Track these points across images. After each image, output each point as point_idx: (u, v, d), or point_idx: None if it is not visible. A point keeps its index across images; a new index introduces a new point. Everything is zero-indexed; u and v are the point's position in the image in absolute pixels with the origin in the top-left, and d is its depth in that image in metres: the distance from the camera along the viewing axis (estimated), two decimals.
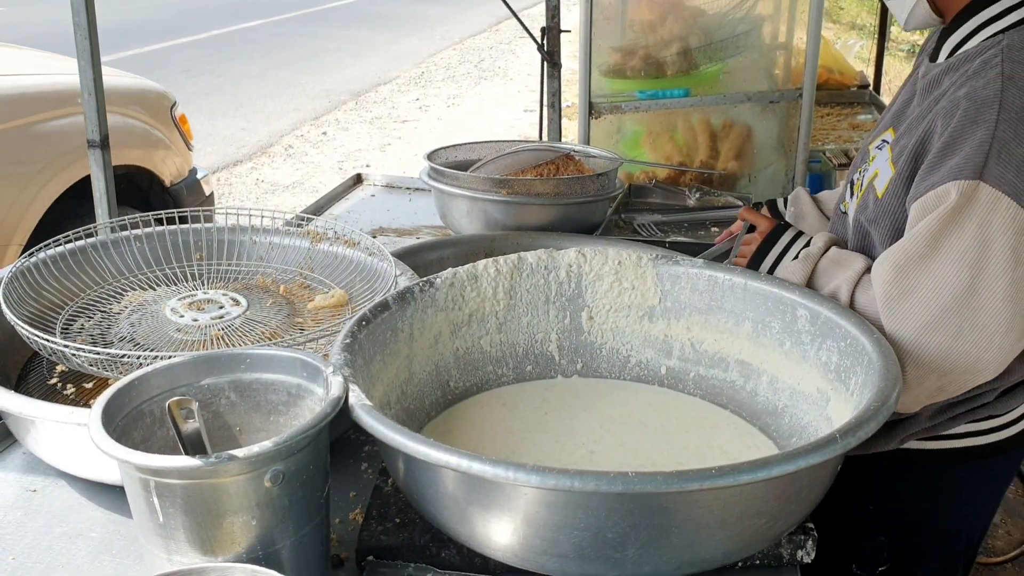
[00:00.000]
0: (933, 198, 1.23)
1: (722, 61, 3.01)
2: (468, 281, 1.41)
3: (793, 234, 1.51)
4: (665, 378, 1.45)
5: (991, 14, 1.34)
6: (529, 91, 9.21)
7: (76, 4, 1.87)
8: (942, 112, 1.30)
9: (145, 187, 3.80)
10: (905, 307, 1.24)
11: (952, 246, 1.21)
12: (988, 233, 1.19)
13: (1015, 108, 1.23)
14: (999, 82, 1.25)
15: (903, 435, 1.46)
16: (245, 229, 1.71)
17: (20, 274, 1.46)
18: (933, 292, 1.22)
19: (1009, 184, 1.19)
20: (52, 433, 1.24)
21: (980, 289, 1.20)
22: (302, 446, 1.00)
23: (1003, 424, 1.49)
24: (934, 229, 1.22)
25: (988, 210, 1.19)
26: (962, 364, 1.23)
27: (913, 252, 1.24)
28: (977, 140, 1.22)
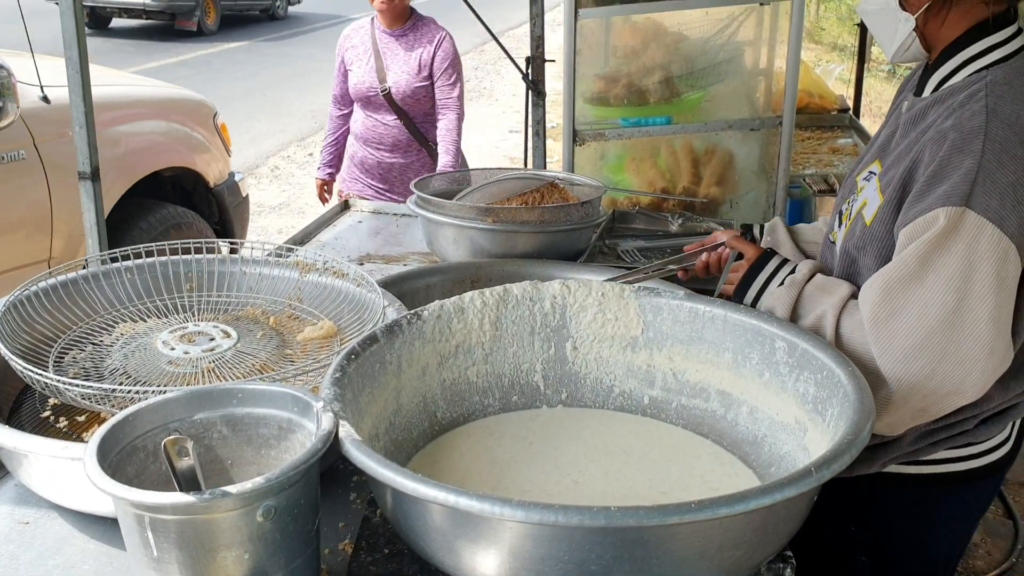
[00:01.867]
0: (922, 223, 1.28)
1: (703, 89, 3.07)
2: (455, 313, 1.44)
3: (779, 261, 1.55)
4: (648, 408, 1.48)
5: (975, 51, 1.40)
6: (515, 112, 9.26)
7: (68, 38, 1.90)
8: (929, 142, 1.35)
9: (190, 188, 4.20)
10: (893, 328, 1.28)
11: (939, 270, 1.25)
12: (973, 258, 1.24)
13: (999, 139, 1.28)
14: (984, 114, 1.31)
15: (884, 459, 1.50)
16: (235, 260, 1.74)
17: (13, 307, 1.48)
18: (920, 314, 1.26)
19: (994, 212, 1.24)
20: (45, 466, 1.26)
21: (965, 312, 1.25)
22: (294, 481, 1.03)
23: (982, 451, 1.53)
24: (922, 253, 1.27)
25: (974, 236, 1.24)
26: (946, 385, 1.27)
27: (901, 275, 1.28)
28: (964, 169, 1.27)
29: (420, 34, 3.52)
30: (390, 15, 3.49)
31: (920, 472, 1.54)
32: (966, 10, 1.40)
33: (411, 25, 3.54)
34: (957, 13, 1.40)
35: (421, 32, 3.52)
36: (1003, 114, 1.30)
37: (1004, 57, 1.38)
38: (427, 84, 3.52)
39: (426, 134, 3.65)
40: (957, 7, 1.40)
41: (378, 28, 3.57)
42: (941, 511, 1.59)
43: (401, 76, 3.51)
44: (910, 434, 1.46)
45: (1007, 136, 1.29)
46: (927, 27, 1.43)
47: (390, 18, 3.51)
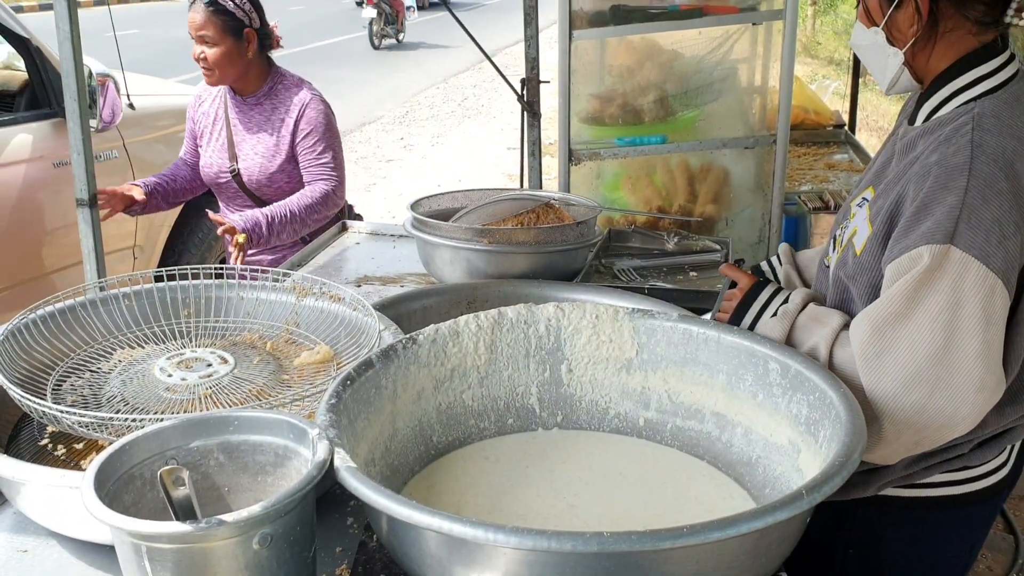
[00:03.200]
0: (907, 260, 1.29)
1: (698, 108, 3.09)
2: (450, 337, 1.45)
3: (772, 290, 1.56)
4: (643, 429, 1.49)
5: (964, 82, 1.40)
6: (512, 128, 9.30)
7: (67, 68, 1.92)
8: (915, 177, 1.36)
9: None
10: (882, 365, 1.29)
11: (926, 307, 1.26)
12: (960, 295, 1.25)
13: (984, 175, 1.28)
14: (969, 149, 1.31)
15: (879, 483, 1.50)
16: (232, 285, 1.75)
17: (12, 335, 1.49)
18: (909, 351, 1.27)
19: (979, 248, 1.25)
20: (43, 495, 1.27)
21: (953, 349, 1.25)
22: (289, 509, 1.04)
23: (979, 475, 1.53)
24: (908, 291, 1.27)
25: (959, 273, 1.25)
26: (937, 420, 1.28)
27: (889, 312, 1.29)
28: (948, 206, 1.28)
29: (279, 101, 2.79)
30: (218, 80, 2.74)
31: (916, 495, 1.54)
32: (953, 41, 1.40)
33: (268, 90, 2.80)
34: (944, 45, 1.41)
35: (281, 99, 2.79)
36: (988, 149, 1.31)
37: (993, 88, 1.39)
38: (290, 166, 2.79)
39: None
40: (943, 39, 1.40)
41: (229, 93, 2.84)
42: (940, 534, 1.59)
43: (254, 158, 2.79)
44: (904, 459, 1.46)
45: (992, 172, 1.29)
46: (915, 61, 1.44)
47: (224, 83, 2.78)
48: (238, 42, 2.68)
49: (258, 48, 2.76)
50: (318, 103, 2.78)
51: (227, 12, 2.65)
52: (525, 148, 3.35)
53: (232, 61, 2.69)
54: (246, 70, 2.75)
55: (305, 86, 2.84)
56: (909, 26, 1.40)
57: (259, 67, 2.78)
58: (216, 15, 2.64)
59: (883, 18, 1.42)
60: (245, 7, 2.69)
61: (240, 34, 2.68)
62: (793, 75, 2.85)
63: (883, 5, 1.42)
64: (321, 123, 2.76)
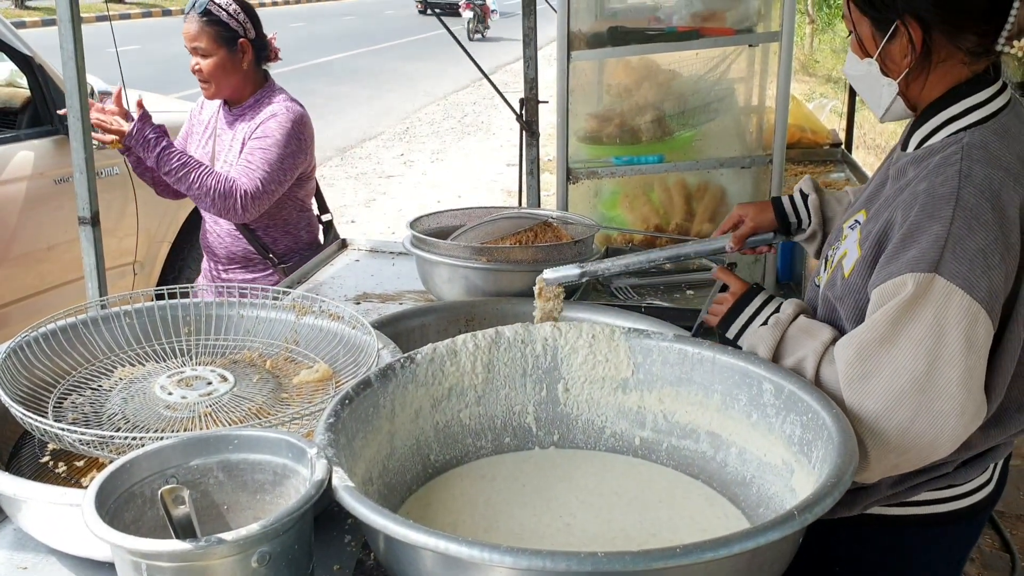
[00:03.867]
0: (891, 287, 1.31)
1: (695, 127, 3.11)
2: (447, 356, 1.46)
3: (764, 298, 1.56)
4: (639, 449, 1.50)
5: (955, 112, 1.42)
6: (512, 145, 9.35)
7: (70, 87, 1.94)
8: (903, 204, 1.38)
9: None
10: (866, 389, 1.30)
11: (909, 334, 1.28)
12: (943, 323, 1.27)
13: (970, 206, 1.30)
14: (956, 180, 1.33)
15: (865, 502, 1.52)
16: (232, 304, 1.77)
17: (13, 352, 1.51)
18: (891, 376, 1.29)
19: (963, 278, 1.27)
20: (44, 512, 1.28)
21: (935, 375, 1.27)
22: (288, 527, 1.05)
23: (964, 493, 1.54)
24: (892, 317, 1.29)
25: (943, 302, 1.27)
26: (918, 443, 1.30)
27: (873, 338, 1.30)
28: (934, 235, 1.29)
29: (258, 111, 2.73)
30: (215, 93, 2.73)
31: (902, 513, 1.55)
32: (946, 71, 1.42)
33: (254, 101, 2.75)
34: (937, 75, 1.42)
35: (260, 110, 2.73)
36: (976, 179, 1.33)
37: (983, 118, 1.40)
38: None
39: (271, 245, 2.83)
40: (936, 69, 1.42)
41: (222, 103, 2.83)
42: (925, 552, 1.60)
43: (224, 167, 2.75)
44: (889, 478, 1.47)
45: (978, 202, 1.31)
46: (909, 90, 1.46)
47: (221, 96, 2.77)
48: (232, 53, 2.66)
49: (254, 60, 2.73)
50: (286, 116, 2.67)
51: (221, 22, 2.63)
52: (523, 167, 3.38)
53: (226, 72, 2.67)
54: (242, 82, 2.72)
55: (286, 99, 2.75)
56: (903, 57, 1.42)
57: (254, 79, 2.76)
58: (210, 25, 2.62)
59: (876, 49, 1.44)
60: (239, 17, 2.67)
61: (234, 45, 2.66)
62: (789, 96, 2.87)
63: (876, 37, 1.44)
64: (275, 132, 2.64)
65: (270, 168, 2.61)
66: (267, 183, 2.60)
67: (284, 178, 2.65)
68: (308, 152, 2.76)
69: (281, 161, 2.63)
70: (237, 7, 2.67)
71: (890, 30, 1.40)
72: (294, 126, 2.67)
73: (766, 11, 3.04)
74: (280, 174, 2.63)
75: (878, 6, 1.41)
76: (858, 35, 1.47)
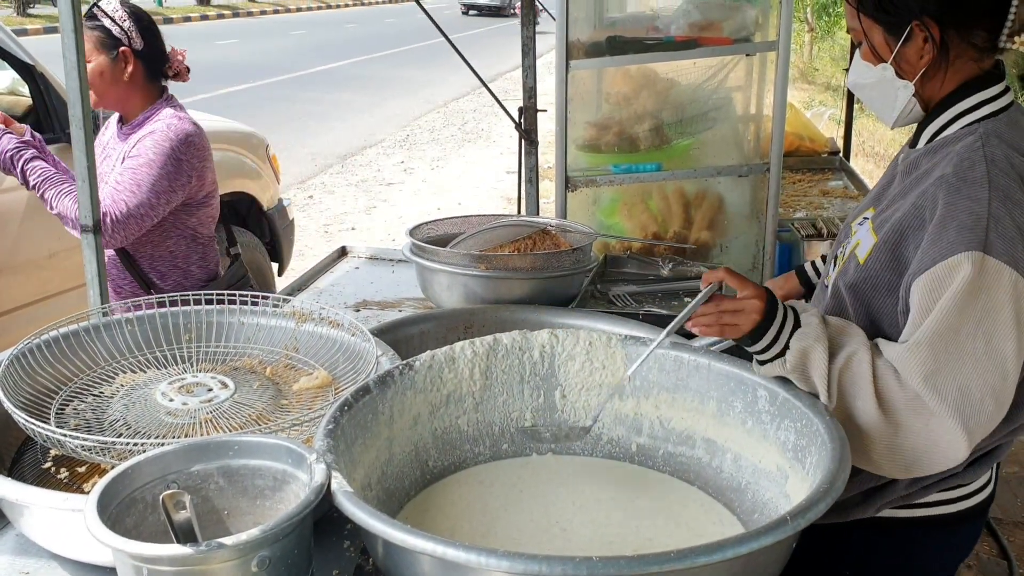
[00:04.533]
0: (944, 269, 1.30)
1: (693, 136, 3.13)
2: (446, 363, 1.48)
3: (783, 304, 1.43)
4: (635, 455, 1.52)
5: (968, 105, 1.47)
6: (511, 153, 9.38)
7: (73, 97, 1.96)
8: (931, 190, 1.39)
9: (244, 212, 4.53)
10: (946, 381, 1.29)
11: (977, 319, 1.29)
12: (998, 301, 1.29)
13: (1002, 186, 1.35)
14: (984, 164, 1.37)
15: (880, 503, 1.53)
16: (233, 311, 1.78)
17: (16, 360, 1.52)
18: (973, 367, 1.29)
19: (1008, 255, 1.30)
20: (46, 518, 1.29)
21: (993, 353, 1.29)
22: (287, 532, 1.06)
23: (969, 493, 1.57)
24: (958, 303, 1.29)
25: (995, 280, 1.29)
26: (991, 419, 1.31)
27: (943, 330, 1.30)
28: (975, 215, 1.32)
29: (141, 130, 2.48)
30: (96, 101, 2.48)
31: (912, 515, 1.57)
32: (959, 67, 1.47)
33: (143, 119, 2.51)
34: (952, 71, 1.47)
35: (142, 127, 2.49)
36: (1000, 163, 1.37)
37: (994, 112, 1.46)
38: None
39: (157, 280, 2.56)
40: (952, 66, 1.46)
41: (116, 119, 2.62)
42: (931, 553, 1.62)
43: (104, 189, 2.42)
44: (905, 479, 1.49)
45: (1008, 183, 1.35)
46: (924, 90, 1.49)
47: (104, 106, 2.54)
48: (113, 61, 2.44)
49: (145, 73, 2.50)
50: (163, 134, 2.41)
51: (103, 28, 2.44)
52: (523, 175, 3.40)
53: (105, 80, 2.45)
54: (126, 94, 2.49)
55: (172, 116, 2.48)
56: (919, 57, 1.46)
57: (145, 94, 2.51)
58: (92, 30, 2.43)
59: (891, 53, 1.47)
60: (124, 24, 2.45)
61: (115, 53, 2.44)
62: (786, 105, 2.90)
63: (890, 41, 1.47)
64: (148, 151, 2.39)
65: (138, 190, 2.35)
66: (135, 206, 2.34)
67: (157, 202, 2.38)
68: (195, 175, 2.47)
69: (153, 183, 2.37)
70: (124, 14, 2.47)
71: (904, 32, 1.44)
72: (173, 145, 2.40)
73: (763, 21, 3.06)
74: (152, 197, 2.37)
75: (891, 10, 1.45)
76: (870, 42, 1.49)
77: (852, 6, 1.50)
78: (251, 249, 4.41)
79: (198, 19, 25.20)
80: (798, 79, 13.38)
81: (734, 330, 1.38)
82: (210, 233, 2.66)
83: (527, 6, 3.25)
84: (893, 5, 1.44)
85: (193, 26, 23.70)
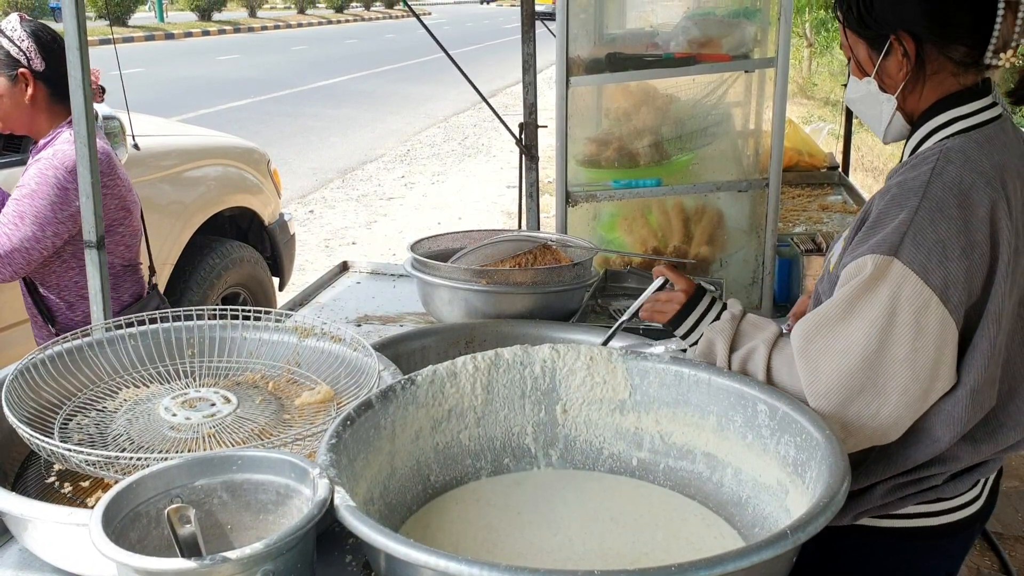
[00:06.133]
0: (854, 268, 1.40)
1: (692, 151, 3.14)
2: (447, 378, 1.49)
3: (711, 297, 1.65)
4: (637, 469, 1.52)
5: (942, 120, 1.50)
6: (512, 167, 9.41)
7: (77, 113, 1.98)
8: (877, 196, 1.48)
9: (245, 226, 4.61)
10: (819, 363, 1.39)
11: (863, 313, 1.37)
12: (895, 304, 1.35)
13: (936, 198, 1.39)
14: (928, 175, 1.41)
15: (856, 511, 1.55)
16: (235, 326, 1.79)
17: (20, 374, 1.53)
18: (843, 351, 1.38)
19: (919, 264, 1.35)
20: (50, 532, 1.30)
21: (884, 353, 1.36)
22: (291, 546, 1.07)
23: (953, 507, 1.57)
24: (850, 296, 1.38)
25: (898, 284, 1.35)
26: (862, 417, 1.38)
27: (831, 315, 1.40)
28: (898, 222, 1.38)
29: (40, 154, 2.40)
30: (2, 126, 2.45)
31: (894, 526, 1.59)
32: (938, 82, 1.50)
33: (44, 144, 2.43)
34: (930, 86, 1.51)
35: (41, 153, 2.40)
36: (947, 176, 1.41)
37: (968, 128, 1.48)
38: None
39: (64, 309, 2.51)
40: (930, 80, 1.50)
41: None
42: (918, 564, 1.63)
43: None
44: (880, 487, 1.52)
45: (944, 196, 1.39)
46: (906, 103, 1.54)
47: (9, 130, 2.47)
48: (11, 84, 2.36)
49: (49, 95, 2.39)
50: (48, 162, 2.32)
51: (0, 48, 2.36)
52: (523, 190, 3.41)
53: (3, 105, 2.38)
54: (30, 117, 2.41)
55: (66, 142, 2.36)
56: (898, 71, 1.50)
57: (51, 116, 2.42)
58: None
59: (873, 67, 1.52)
60: (23, 44, 2.35)
61: (13, 73, 2.36)
62: (785, 121, 2.91)
63: (872, 56, 1.52)
64: (31, 181, 2.32)
65: (21, 223, 2.29)
66: (19, 240, 2.29)
67: (43, 234, 2.31)
68: None
69: (37, 215, 2.30)
70: (24, 34, 2.37)
71: (885, 47, 1.49)
72: (58, 174, 2.31)
73: (762, 37, 3.08)
74: (37, 229, 2.30)
75: (871, 25, 1.50)
76: (856, 57, 1.55)
77: (840, 22, 1.55)
78: (252, 264, 4.45)
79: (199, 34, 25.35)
80: (797, 94, 13.44)
81: (661, 316, 1.65)
82: (124, 262, 2.56)
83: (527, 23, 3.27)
84: (874, 20, 1.49)
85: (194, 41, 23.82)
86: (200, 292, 4.13)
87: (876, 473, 1.50)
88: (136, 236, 2.58)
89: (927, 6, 1.45)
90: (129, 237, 2.53)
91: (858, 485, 1.51)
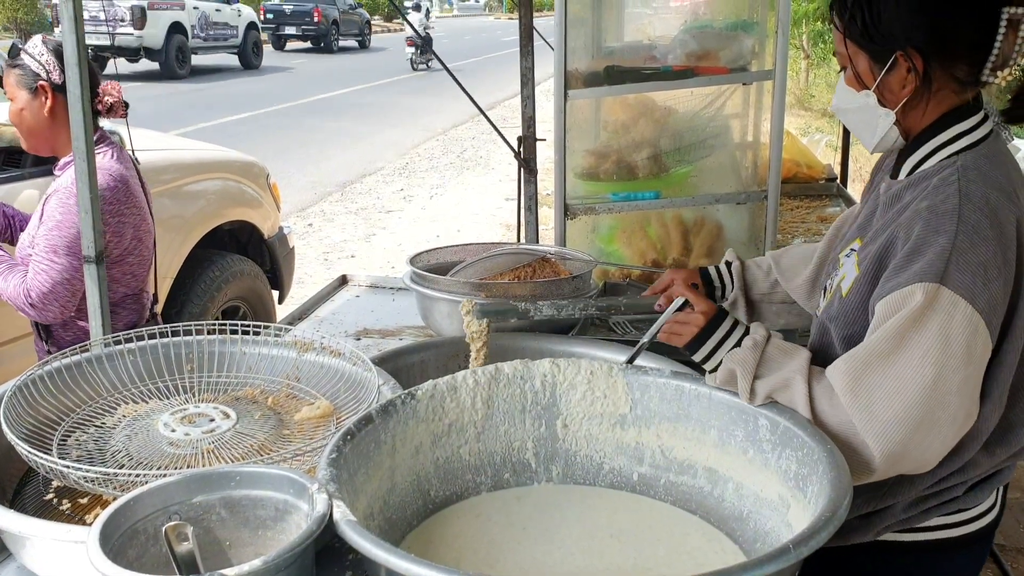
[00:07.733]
0: (898, 298, 1.35)
1: (691, 164, 3.15)
2: (448, 392, 1.48)
3: (733, 321, 1.54)
4: (637, 484, 1.52)
5: (946, 138, 1.49)
6: (510, 180, 9.42)
7: (76, 130, 1.98)
8: (905, 222, 1.43)
9: (244, 239, 4.61)
10: (873, 399, 1.33)
11: (919, 343, 1.32)
12: (948, 332, 1.32)
13: (971, 221, 1.37)
14: (957, 198, 1.39)
15: (880, 527, 1.54)
16: (234, 341, 1.79)
17: (19, 391, 1.53)
18: (900, 384, 1.32)
19: (966, 288, 1.32)
20: (48, 549, 1.29)
21: (940, 383, 1.31)
22: (289, 563, 1.07)
23: (972, 517, 1.57)
24: (901, 328, 1.33)
25: (948, 312, 1.32)
26: (919, 448, 1.34)
27: (881, 350, 1.34)
28: (939, 247, 1.35)
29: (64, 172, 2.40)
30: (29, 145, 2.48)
31: (915, 539, 1.57)
32: (940, 99, 1.49)
33: (66, 162, 2.42)
34: (933, 103, 1.49)
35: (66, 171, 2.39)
36: (974, 197, 1.39)
37: (972, 143, 1.47)
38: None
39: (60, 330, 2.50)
40: (934, 97, 1.48)
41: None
42: None
43: (26, 236, 2.44)
44: (902, 501, 1.51)
45: (979, 218, 1.37)
46: (906, 119, 1.52)
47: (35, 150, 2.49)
48: (32, 98, 2.37)
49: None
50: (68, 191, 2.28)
51: (21, 65, 2.39)
52: (522, 203, 3.41)
53: (25, 120, 2.39)
54: (52, 133, 2.40)
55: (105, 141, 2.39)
56: (901, 87, 1.48)
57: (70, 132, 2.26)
58: (12, 67, 2.39)
59: (875, 81, 1.50)
60: (42, 58, 2.37)
61: (33, 87, 2.37)
62: (783, 133, 2.91)
63: (874, 69, 1.49)
64: (54, 213, 2.30)
65: (57, 256, 2.28)
66: (60, 272, 2.28)
67: (80, 263, 2.24)
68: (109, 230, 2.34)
69: (69, 245, 2.28)
70: (44, 49, 2.39)
71: (889, 62, 1.47)
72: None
73: (760, 50, 3.09)
74: (74, 259, 2.27)
75: (877, 39, 1.47)
76: (855, 69, 1.52)
77: (839, 31, 1.52)
78: (252, 277, 4.45)
79: None
80: (795, 106, 13.47)
81: (678, 339, 1.55)
82: (128, 291, 2.52)
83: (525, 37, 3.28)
84: (880, 34, 1.46)
85: None
86: (200, 305, 4.12)
87: (900, 493, 1.49)
88: (144, 265, 2.56)
89: (937, 23, 1.43)
90: (137, 266, 2.51)
91: (882, 504, 1.50)
